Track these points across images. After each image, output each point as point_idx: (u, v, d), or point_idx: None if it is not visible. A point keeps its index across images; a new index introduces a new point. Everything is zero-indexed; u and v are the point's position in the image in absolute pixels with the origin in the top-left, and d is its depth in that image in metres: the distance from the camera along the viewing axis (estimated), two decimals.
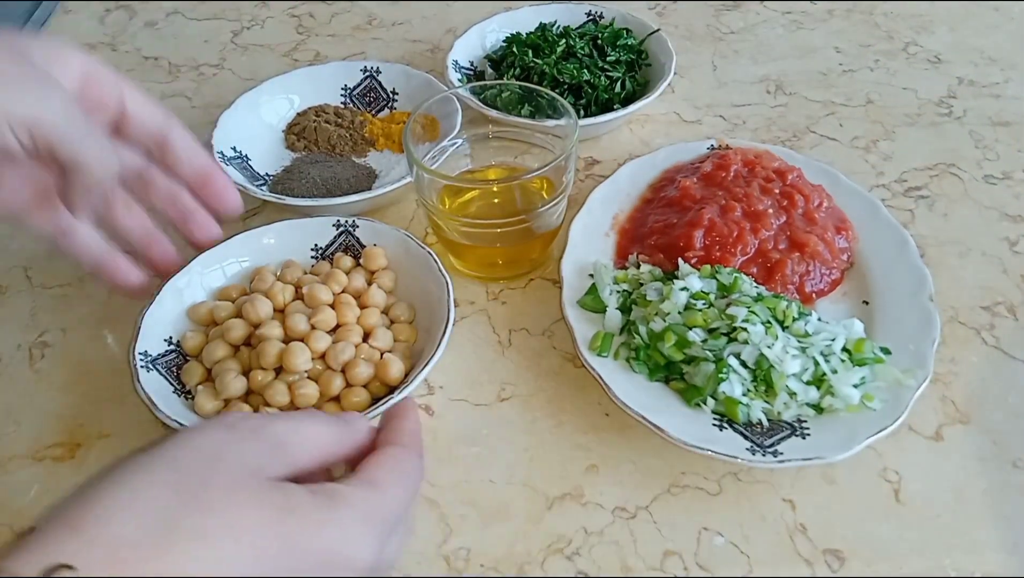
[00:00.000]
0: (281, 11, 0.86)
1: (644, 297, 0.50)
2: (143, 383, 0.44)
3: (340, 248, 0.54)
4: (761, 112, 0.71)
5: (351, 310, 0.48)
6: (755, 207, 0.54)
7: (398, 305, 0.51)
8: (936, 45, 0.79)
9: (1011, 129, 0.69)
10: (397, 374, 0.45)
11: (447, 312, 0.47)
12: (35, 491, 0.46)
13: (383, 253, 0.52)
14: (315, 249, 0.54)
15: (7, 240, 0.61)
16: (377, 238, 0.53)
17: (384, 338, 0.48)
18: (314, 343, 0.46)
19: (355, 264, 0.53)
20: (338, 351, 0.45)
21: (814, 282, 0.53)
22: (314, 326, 0.47)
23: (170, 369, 0.47)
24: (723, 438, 0.44)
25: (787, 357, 0.45)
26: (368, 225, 0.53)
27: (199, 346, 0.48)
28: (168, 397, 0.44)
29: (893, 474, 0.46)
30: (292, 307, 0.48)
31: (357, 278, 0.51)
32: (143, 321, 0.47)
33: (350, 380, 0.45)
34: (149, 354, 0.46)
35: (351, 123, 0.67)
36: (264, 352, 0.45)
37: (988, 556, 0.42)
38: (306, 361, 0.45)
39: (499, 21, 0.74)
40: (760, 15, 0.84)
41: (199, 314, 0.49)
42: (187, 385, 0.47)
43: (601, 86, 0.67)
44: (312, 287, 0.48)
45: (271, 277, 0.50)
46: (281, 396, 0.44)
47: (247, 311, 0.47)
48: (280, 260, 0.53)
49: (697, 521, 0.44)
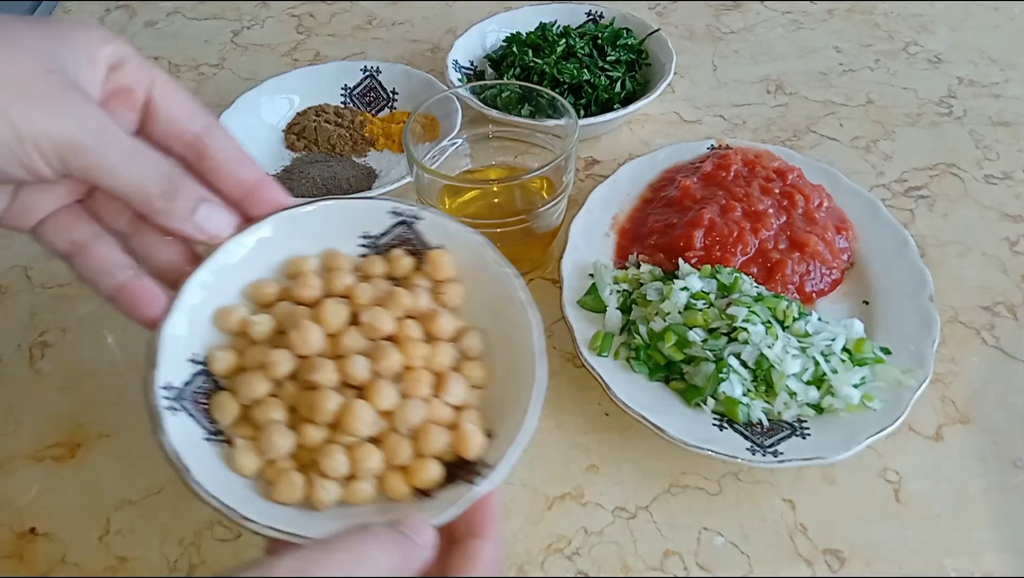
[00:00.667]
0: (281, 11, 0.86)
1: (644, 297, 0.50)
2: (169, 434, 0.34)
3: (396, 242, 0.42)
4: (761, 112, 0.71)
5: (418, 349, 0.38)
6: (755, 207, 0.54)
7: (469, 335, 0.40)
8: (936, 45, 0.79)
9: (1011, 129, 0.69)
10: (479, 452, 0.36)
11: (533, 366, 0.37)
12: (35, 491, 0.46)
13: (453, 261, 0.41)
14: (366, 237, 0.42)
15: (7, 240, 0.61)
16: (445, 238, 0.41)
17: (457, 390, 0.38)
18: (379, 399, 0.36)
19: (416, 267, 0.41)
20: (407, 413, 0.36)
21: (814, 282, 0.53)
22: (378, 372, 0.37)
23: (198, 402, 0.37)
24: (723, 438, 0.44)
25: (787, 357, 0.45)
26: (434, 219, 0.41)
27: (231, 368, 0.38)
28: (199, 448, 0.35)
29: (893, 474, 0.46)
30: (347, 341, 0.38)
31: (421, 295, 0.39)
32: (162, 339, 0.36)
33: (420, 449, 0.36)
34: (173, 386, 0.36)
35: (351, 123, 0.67)
36: (319, 407, 0.36)
37: (988, 556, 0.42)
38: (371, 424, 0.36)
39: (499, 21, 0.74)
40: (760, 15, 0.84)
41: (230, 323, 0.39)
42: (218, 422, 0.37)
43: (601, 86, 0.67)
44: (373, 315, 0.38)
45: (316, 281, 0.39)
46: (341, 467, 0.35)
47: (294, 341, 0.37)
48: (321, 248, 0.41)
49: (697, 521, 0.44)
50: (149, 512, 0.44)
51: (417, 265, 0.41)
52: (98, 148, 0.33)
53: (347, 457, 0.35)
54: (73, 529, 0.44)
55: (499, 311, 0.40)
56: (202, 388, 0.38)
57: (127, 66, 0.36)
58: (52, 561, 0.43)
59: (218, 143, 0.37)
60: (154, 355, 0.35)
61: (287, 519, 0.33)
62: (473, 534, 0.31)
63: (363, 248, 0.42)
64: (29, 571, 0.42)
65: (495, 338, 0.40)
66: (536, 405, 0.36)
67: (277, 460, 0.36)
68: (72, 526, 0.44)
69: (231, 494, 0.33)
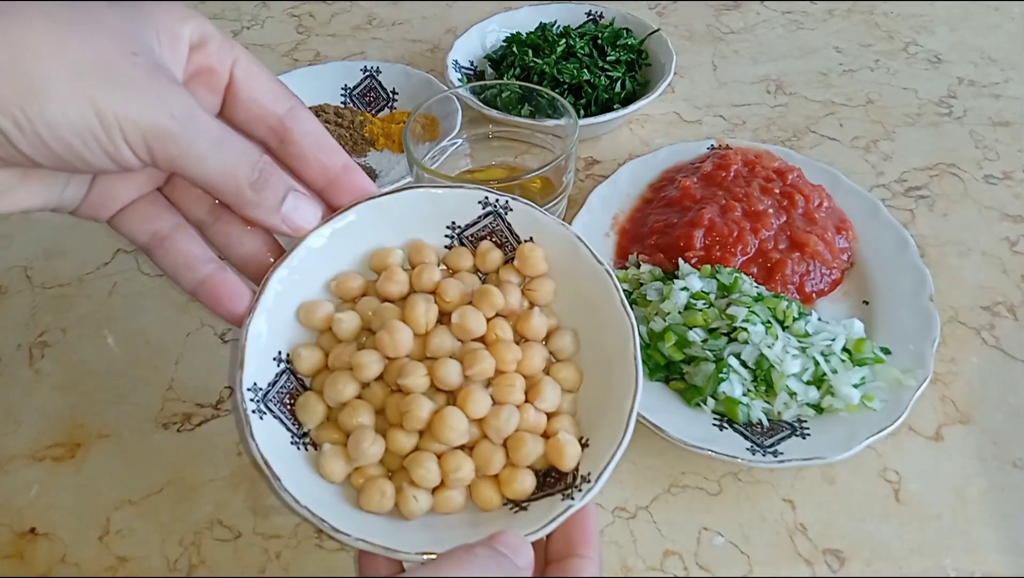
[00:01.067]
0: (281, 11, 0.86)
1: (644, 297, 0.50)
2: (259, 440, 0.33)
3: (485, 233, 0.40)
4: (761, 112, 0.71)
5: (510, 351, 0.36)
6: (755, 207, 0.54)
7: (561, 335, 0.38)
8: (936, 45, 0.79)
9: (1011, 129, 0.69)
10: (572, 462, 0.35)
11: (632, 371, 0.35)
12: (35, 491, 0.46)
13: (544, 256, 0.39)
14: (452, 228, 0.41)
15: (7, 240, 0.61)
16: (535, 231, 0.39)
17: (551, 396, 0.36)
18: (472, 406, 0.35)
19: (505, 261, 0.40)
20: (501, 421, 0.35)
21: (814, 282, 0.53)
22: (468, 377, 0.36)
23: (283, 403, 0.36)
24: (723, 438, 0.44)
25: (787, 357, 0.45)
26: (525, 210, 0.39)
27: (316, 367, 0.37)
28: (285, 453, 0.34)
29: (893, 474, 0.46)
30: (438, 341, 0.37)
31: (512, 291, 0.38)
32: (248, 338, 0.34)
33: (513, 459, 0.35)
34: (259, 387, 0.35)
35: (351, 123, 0.67)
36: (411, 414, 0.34)
37: (988, 556, 0.42)
38: (463, 433, 0.34)
39: (499, 21, 0.74)
40: (760, 15, 0.84)
41: (314, 320, 0.37)
42: (304, 424, 0.36)
43: (601, 86, 0.67)
44: (463, 315, 0.37)
45: (403, 276, 0.38)
46: (431, 476, 0.34)
47: (382, 342, 0.36)
48: (406, 238, 0.40)
49: (697, 521, 0.44)
50: (149, 512, 0.44)
51: (506, 259, 0.40)
52: (186, 136, 0.30)
53: (438, 466, 0.34)
54: (73, 529, 0.44)
55: (592, 310, 0.38)
56: (287, 387, 0.37)
57: (210, 45, 0.34)
58: (52, 561, 0.43)
59: (302, 127, 0.35)
60: (241, 355, 0.34)
61: (377, 531, 0.32)
62: (572, 554, 0.30)
63: (449, 239, 0.41)
64: (29, 571, 0.42)
65: (586, 338, 0.39)
66: (633, 415, 0.34)
67: (366, 466, 0.35)
68: (72, 526, 0.44)
69: (320, 503, 0.32)
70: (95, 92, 0.28)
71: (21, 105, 0.27)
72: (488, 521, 0.34)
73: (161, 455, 0.47)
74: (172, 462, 0.46)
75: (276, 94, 0.35)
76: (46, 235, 0.61)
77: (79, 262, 0.59)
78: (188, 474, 0.46)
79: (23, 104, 0.27)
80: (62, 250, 0.60)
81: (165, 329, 0.54)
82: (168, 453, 0.47)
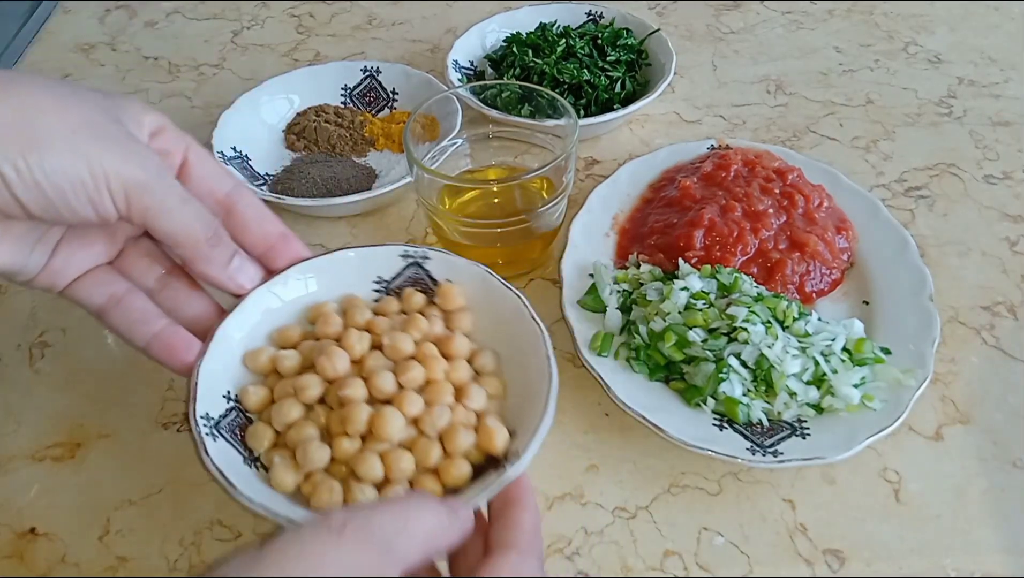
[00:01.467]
0: (281, 11, 0.86)
1: (644, 297, 0.50)
2: (213, 456, 0.37)
3: (408, 282, 0.47)
4: (761, 112, 0.71)
5: (438, 364, 0.42)
6: (755, 207, 0.54)
7: (483, 354, 0.44)
8: (936, 45, 0.79)
9: (1011, 129, 0.69)
10: (502, 445, 0.39)
11: (547, 367, 0.40)
12: (35, 491, 0.46)
13: (460, 291, 0.45)
14: (379, 281, 0.47)
15: None
16: (451, 273, 0.46)
17: (479, 398, 0.41)
18: (407, 407, 0.39)
19: (428, 302, 0.46)
20: (435, 416, 0.39)
21: (814, 282, 0.53)
22: (402, 385, 0.40)
23: (234, 432, 0.40)
24: (723, 438, 0.44)
25: (787, 357, 0.45)
26: (441, 257, 0.46)
27: (263, 402, 0.41)
28: (239, 470, 0.38)
29: (893, 474, 0.46)
30: (372, 361, 0.42)
31: (435, 322, 0.44)
32: (199, 376, 0.39)
33: (448, 449, 0.39)
34: (211, 417, 0.39)
35: (351, 123, 0.67)
36: (351, 418, 0.39)
37: (988, 556, 0.42)
38: (401, 429, 0.39)
39: (499, 21, 0.74)
40: (760, 15, 0.84)
41: (259, 363, 0.42)
42: (255, 451, 0.40)
43: (601, 86, 0.67)
44: (394, 337, 0.42)
45: (337, 319, 0.43)
46: (376, 472, 0.38)
47: (322, 365, 0.40)
48: (338, 294, 0.46)
49: (697, 521, 0.44)
50: (149, 512, 0.44)
51: (429, 301, 0.46)
52: (159, 190, 0.36)
53: (381, 463, 0.38)
54: (73, 529, 0.44)
55: (509, 327, 0.44)
56: (236, 421, 0.41)
57: (166, 133, 0.39)
58: (52, 561, 0.43)
59: (245, 200, 0.41)
60: (193, 390, 0.39)
61: None
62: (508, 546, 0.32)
63: (377, 293, 0.47)
64: (29, 571, 0.42)
65: (507, 356, 0.44)
66: (552, 399, 0.39)
67: (314, 473, 0.39)
68: (72, 526, 0.44)
69: (274, 503, 0.36)
70: (88, 147, 0.34)
71: (23, 154, 0.32)
72: None
73: (161, 455, 0.47)
74: (172, 462, 0.46)
75: (222, 175, 0.41)
76: None
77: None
78: (188, 474, 0.46)
79: (25, 153, 0.32)
80: None
81: None
82: (168, 453, 0.47)
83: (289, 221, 0.61)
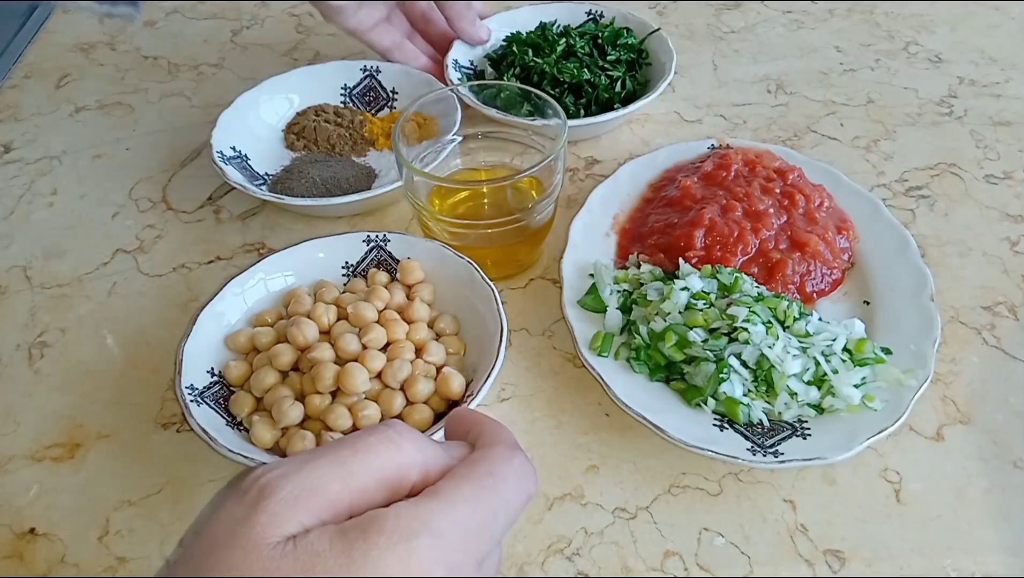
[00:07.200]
0: (281, 11, 0.86)
1: (644, 297, 0.50)
2: (196, 417, 0.42)
3: (373, 264, 0.52)
4: (761, 112, 0.71)
5: (399, 326, 0.47)
6: (756, 207, 0.54)
7: (443, 318, 0.49)
8: (937, 45, 0.79)
9: (1012, 129, 0.69)
10: (459, 388, 0.45)
11: (499, 319, 0.46)
12: (35, 491, 0.46)
13: (419, 266, 0.51)
14: (346, 267, 0.52)
15: (6, 240, 0.61)
16: (411, 251, 0.51)
17: (438, 352, 0.47)
18: (370, 362, 0.44)
19: (391, 279, 0.51)
20: (395, 369, 0.44)
21: (815, 282, 0.53)
22: (365, 345, 0.45)
23: (218, 401, 0.45)
24: (724, 438, 0.44)
25: (788, 357, 0.45)
26: (400, 238, 0.52)
27: (244, 375, 0.47)
28: (223, 430, 0.43)
29: (894, 474, 0.46)
30: (338, 328, 0.47)
31: (397, 293, 0.49)
32: (184, 354, 0.45)
33: (410, 397, 0.44)
34: (195, 388, 0.44)
35: (351, 123, 0.67)
36: (320, 375, 0.44)
37: (988, 556, 0.42)
38: (364, 382, 0.44)
39: (499, 20, 0.73)
40: (760, 14, 0.84)
41: (238, 342, 0.48)
42: (238, 416, 0.45)
43: (601, 85, 0.66)
44: (356, 305, 0.47)
45: (308, 298, 0.49)
46: (344, 420, 0.43)
47: (293, 335, 0.46)
48: (310, 281, 0.51)
49: (697, 521, 0.44)
50: (149, 512, 0.44)
51: (392, 278, 0.52)
52: None
53: (349, 412, 0.43)
54: (73, 529, 0.44)
55: (465, 293, 0.49)
56: (220, 393, 0.46)
57: None
58: (52, 561, 0.43)
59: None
60: (179, 366, 0.44)
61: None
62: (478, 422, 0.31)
63: (345, 277, 0.53)
64: (29, 571, 0.42)
65: (466, 319, 0.49)
66: (503, 346, 0.44)
67: (290, 428, 0.43)
68: (72, 526, 0.44)
69: (254, 453, 0.41)
70: None
71: None
72: None
73: (161, 455, 0.47)
74: (172, 462, 0.46)
75: None
76: (45, 235, 0.61)
77: (78, 262, 0.59)
78: (188, 474, 0.46)
79: None
80: (61, 250, 0.60)
81: (165, 329, 0.54)
82: (168, 453, 0.47)
83: (289, 221, 0.61)
